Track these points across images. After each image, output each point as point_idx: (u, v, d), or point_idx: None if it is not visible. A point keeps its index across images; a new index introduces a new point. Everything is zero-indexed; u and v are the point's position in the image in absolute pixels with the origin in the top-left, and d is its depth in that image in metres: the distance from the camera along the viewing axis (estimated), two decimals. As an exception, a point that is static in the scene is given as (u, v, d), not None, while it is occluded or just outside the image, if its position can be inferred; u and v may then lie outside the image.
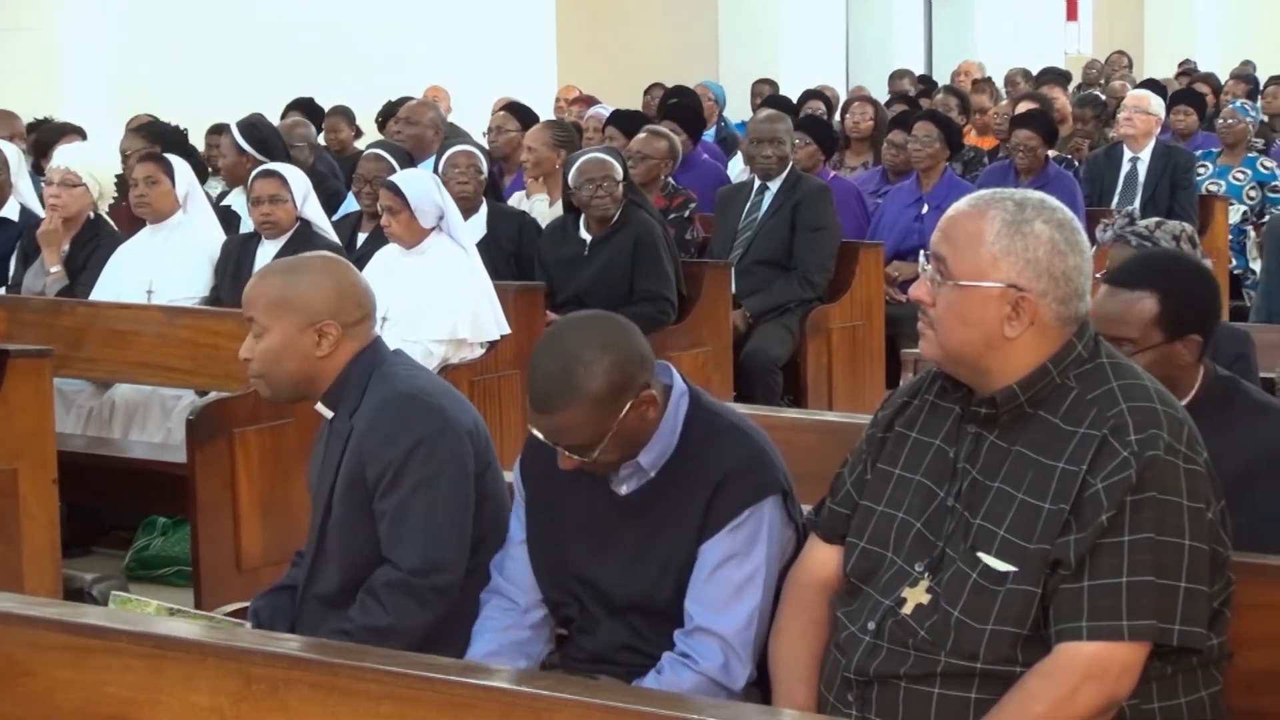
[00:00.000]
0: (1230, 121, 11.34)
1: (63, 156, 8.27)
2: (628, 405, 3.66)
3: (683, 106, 11.65)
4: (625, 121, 10.37)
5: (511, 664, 3.86)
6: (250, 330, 4.13)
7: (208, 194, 8.95)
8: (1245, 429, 3.91)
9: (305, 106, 11.98)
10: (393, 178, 7.46)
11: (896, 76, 17.05)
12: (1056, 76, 15.55)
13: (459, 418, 4.11)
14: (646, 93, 15.09)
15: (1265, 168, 11.16)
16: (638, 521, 3.78)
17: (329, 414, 4.18)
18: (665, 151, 9.17)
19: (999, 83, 15.97)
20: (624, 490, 3.81)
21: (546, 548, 3.90)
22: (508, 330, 7.30)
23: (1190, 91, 13.56)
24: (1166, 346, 3.97)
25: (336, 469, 4.12)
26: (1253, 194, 11.03)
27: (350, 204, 9.11)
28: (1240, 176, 11.10)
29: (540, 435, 3.73)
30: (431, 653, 3.44)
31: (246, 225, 8.43)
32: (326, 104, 12.22)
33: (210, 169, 10.10)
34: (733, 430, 3.79)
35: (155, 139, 9.36)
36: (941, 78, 17.97)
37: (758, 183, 9.07)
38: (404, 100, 11.27)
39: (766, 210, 8.92)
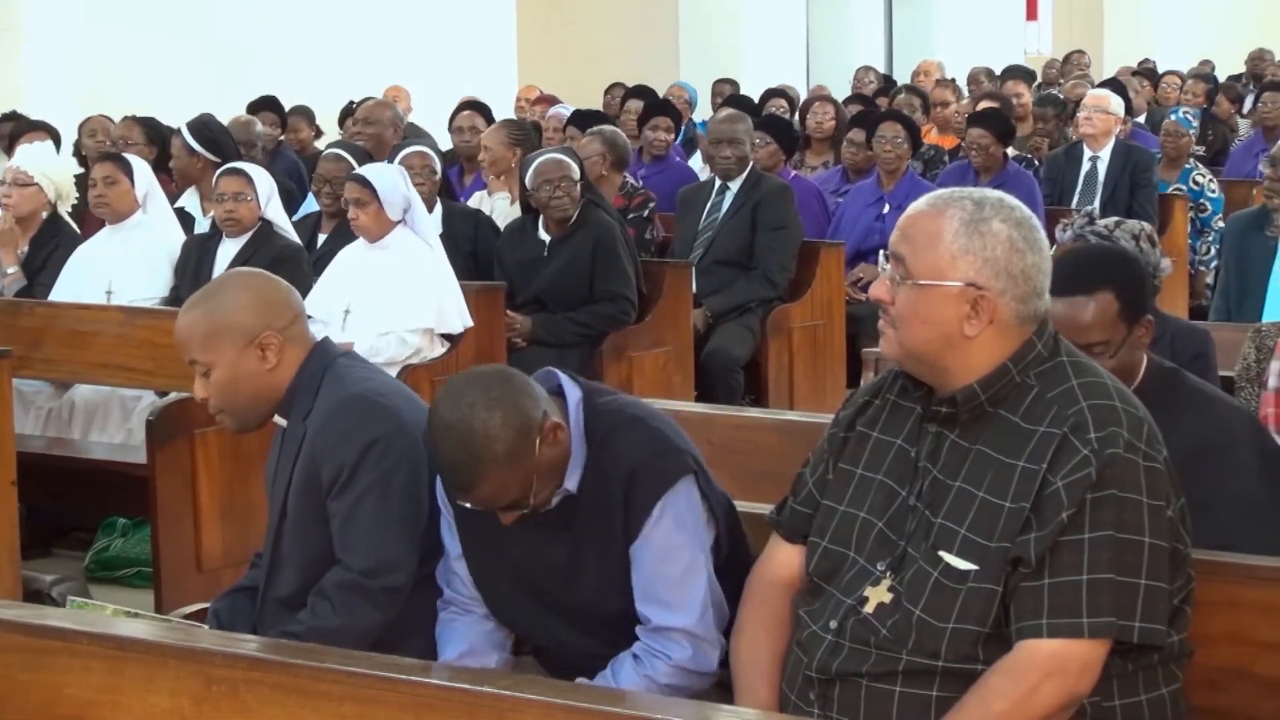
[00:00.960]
0: (1173, 135, 11.06)
1: (18, 156, 8.23)
2: (537, 443, 3.63)
3: (667, 104, 11.68)
4: (585, 121, 10.36)
5: (485, 658, 3.88)
6: (195, 372, 4.10)
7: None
8: (1186, 418, 3.92)
9: (268, 105, 11.99)
10: (361, 170, 7.47)
11: (863, 72, 17.03)
12: (1021, 74, 15.52)
13: (414, 418, 4.08)
14: (607, 92, 15.09)
15: (1197, 183, 10.88)
16: (565, 532, 3.77)
17: (283, 423, 4.16)
18: (599, 151, 9.15)
19: (960, 83, 15.97)
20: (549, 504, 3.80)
21: (484, 566, 3.89)
22: (470, 323, 7.31)
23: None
24: (1131, 336, 4.00)
25: (291, 472, 4.11)
26: (1190, 213, 10.82)
27: (310, 204, 9.09)
28: (1177, 194, 10.91)
29: (473, 506, 3.72)
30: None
31: (201, 227, 8.40)
32: (289, 104, 12.20)
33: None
34: (632, 423, 3.78)
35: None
36: (901, 77, 17.97)
37: (718, 183, 9.06)
38: (366, 101, 11.26)
39: (727, 210, 8.92)
